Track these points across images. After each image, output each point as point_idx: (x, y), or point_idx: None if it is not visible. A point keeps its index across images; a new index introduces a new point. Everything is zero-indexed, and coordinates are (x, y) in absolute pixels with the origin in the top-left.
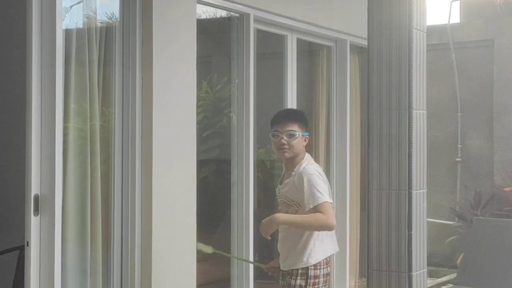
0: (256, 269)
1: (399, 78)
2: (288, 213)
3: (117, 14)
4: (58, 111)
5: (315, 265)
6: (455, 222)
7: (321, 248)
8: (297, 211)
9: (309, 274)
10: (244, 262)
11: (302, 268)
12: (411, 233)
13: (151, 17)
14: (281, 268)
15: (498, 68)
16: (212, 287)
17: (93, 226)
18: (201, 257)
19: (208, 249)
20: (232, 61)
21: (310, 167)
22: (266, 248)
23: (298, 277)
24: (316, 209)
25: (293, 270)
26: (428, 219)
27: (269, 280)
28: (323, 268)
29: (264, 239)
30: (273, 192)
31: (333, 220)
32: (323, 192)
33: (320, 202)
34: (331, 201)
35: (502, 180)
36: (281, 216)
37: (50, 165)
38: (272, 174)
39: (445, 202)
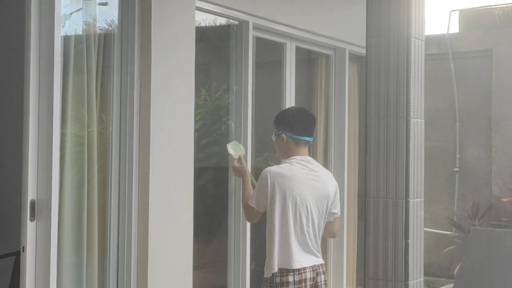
0: (252, 277)
1: (397, 86)
2: None
3: (116, 21)
4: (55, 117)
5: (280, 271)
6: (452, 232)
7: (277, 257)
8: None
9: (275, 281)
10: (240, 271)
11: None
12: (408, 242)
13: (150, 24)
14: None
15: (496, 78)
16: None
17: (89, 233)
18: (198, 265)
19: (239, 150)
20: (231, 69)
21: None
22: (263, 257)
23: (267, 284)
24: None
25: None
26: (426, 229)
27: None
28: (293, 275)
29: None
30: None
31: (246, 217)
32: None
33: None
34: (252, 204)
35: (500, 190)
36: (243, 174)
37: (47, 170)
38: None
39: (443, 212)
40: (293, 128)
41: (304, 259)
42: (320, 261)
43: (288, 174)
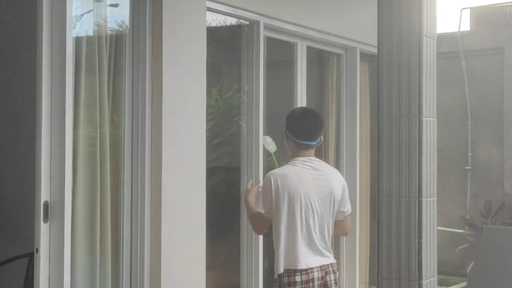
0: (265, 277)
1: (409, 85)
2: None
3: (127, 22)
4: (68, 118)
5: (288, 272)
6: (465, 231)
7: (283, 257)
8: None
9: (282, 281)
10: (253, 270)
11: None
12: (421, 241)
13: (161, 25)
14: None
15: (508, 76)
16: None
17: (102, 234)
18: (211, 265)
19: (272, 147)
20: (242, 69)
21: None
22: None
23: (276, 284)
24: None
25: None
26: (438, 228)
27: None
28: (300, 275)
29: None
30: None
31: (255, 230)
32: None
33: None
34: (259, 210)
35: None
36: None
37: (59, 171)
38: None
39: (455, 210)
40: (293, 131)
41: (311, 260)
42: (329, 260)
43: (291, 175)
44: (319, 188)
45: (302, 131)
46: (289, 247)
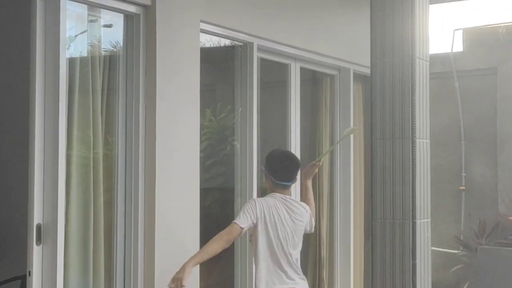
0: None
1: (402, 107)
2: None
3: (121, 42)
4: (61, 138)
5: None
6: (459, 251)
7: (259, 279)
8: None
9: None
10: None
11: None
12: (416, 263)
13: (155, 46)
14: None
15: (501, 96)
16: None
17: (95, 256)
18: (204, 287)
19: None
20: (235, 90)
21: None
22: None
23: None
24: None
25: None
26: (433, 248)
27: None
28: None
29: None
30: None
31: (223, 233)
32: (239, 215)
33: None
34: (241, 225)
35: (506, 208)
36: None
37: (52, 194)
38: None
39: (450, 230)
40: (272, 172)
41: (278, 280)
42: (304, 284)
43: (271, 204)
44: (293, 221)
45: (280, 173)
46: (269, 270)
